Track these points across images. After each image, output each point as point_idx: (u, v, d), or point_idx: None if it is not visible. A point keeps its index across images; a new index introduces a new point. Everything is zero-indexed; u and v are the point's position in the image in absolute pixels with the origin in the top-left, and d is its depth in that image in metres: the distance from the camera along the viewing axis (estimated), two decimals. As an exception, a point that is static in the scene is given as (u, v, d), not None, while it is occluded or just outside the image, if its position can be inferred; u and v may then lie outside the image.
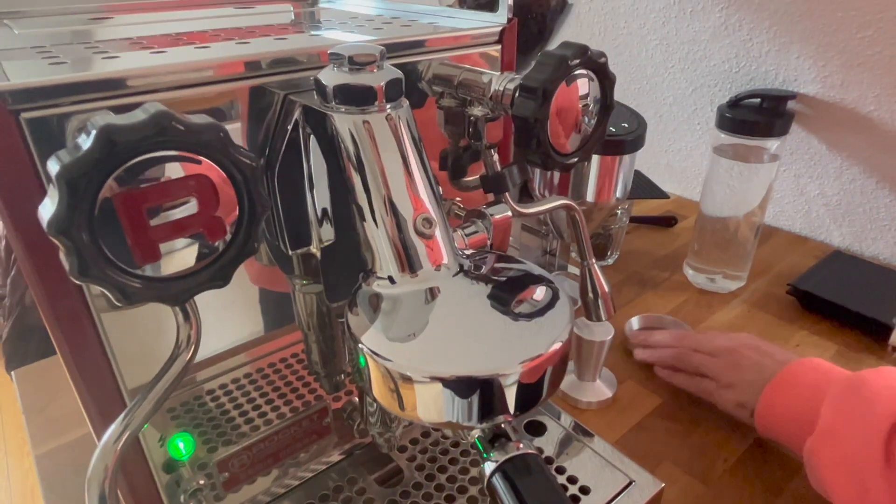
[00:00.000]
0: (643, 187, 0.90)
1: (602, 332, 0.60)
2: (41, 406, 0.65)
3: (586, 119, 0.38)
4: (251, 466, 0.42)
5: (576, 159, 0.36)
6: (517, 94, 0.34)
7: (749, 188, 0.76)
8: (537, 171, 0.66)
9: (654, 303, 0.80)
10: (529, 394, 0.27)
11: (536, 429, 0.50)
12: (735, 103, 0.76)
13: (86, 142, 0.19)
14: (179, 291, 0.23)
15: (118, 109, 0.28)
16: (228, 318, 0.38)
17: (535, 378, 0.27)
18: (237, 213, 0.24)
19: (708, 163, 0.79)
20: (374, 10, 0.53)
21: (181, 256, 0.24)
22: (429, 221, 0.30)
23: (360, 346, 0.27)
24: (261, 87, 0.34)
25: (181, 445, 0.37)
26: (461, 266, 0.31)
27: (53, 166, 0.19)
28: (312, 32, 0.43)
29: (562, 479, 0.45)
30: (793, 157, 0.88)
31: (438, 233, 0.31)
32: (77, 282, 0.21)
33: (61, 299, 0.30)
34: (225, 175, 0.22)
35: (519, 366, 0.26)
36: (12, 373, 0.71)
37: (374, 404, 0.41)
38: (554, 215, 0.72)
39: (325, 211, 0.34)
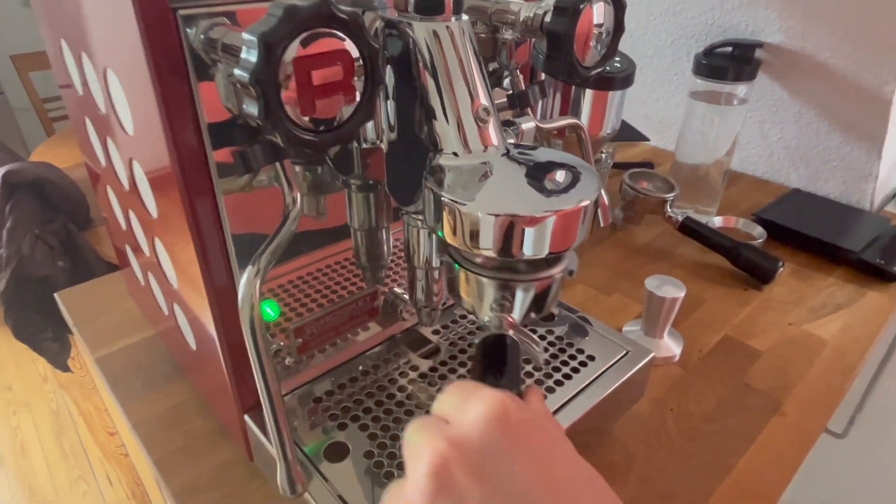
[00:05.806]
0: (627, 131, 0.99)
1: (674, 290, 0.61)
2: (90, 320, 0.71)
3: (604, 37, 0.46)
4: (318, 336, 0.49)
5: (595, 71, 0.44)
6: (550, 14, 0.42)
7: (720, 134, 0.86)
8: (539, 102, 0.74)
9: (634, 232, 0.90)
10: (559, 241, 0.35)
11: (547, 316, 0.59)
12: (710, 51, 0.86)
13: (273, 17, 0.26)
14: (325, 141, 0.30)
15: (251, 12, 0.35)
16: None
17: (566, 226, 0.35)
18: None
19: (683, 111, 0.88)
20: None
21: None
22: (487, 111, 0.38)
23: (441, 196, 0.35)
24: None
25: (269, 310, 0.45)
26: (507, 149, 0.39)
27: (250, 35, 0.27)
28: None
29: (571, 351, 0.55)
30: (759, 103, 0.98)
31: (492, 121, 0.39)
32: (261, 123, 0.28)
33: (194, 174, 0.37)
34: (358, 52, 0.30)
35: (553, 212, 0.34)
36: (56, 295, 0.77)
37: (423, 278, 0.49)
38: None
39: (395, 115, 0.41)
